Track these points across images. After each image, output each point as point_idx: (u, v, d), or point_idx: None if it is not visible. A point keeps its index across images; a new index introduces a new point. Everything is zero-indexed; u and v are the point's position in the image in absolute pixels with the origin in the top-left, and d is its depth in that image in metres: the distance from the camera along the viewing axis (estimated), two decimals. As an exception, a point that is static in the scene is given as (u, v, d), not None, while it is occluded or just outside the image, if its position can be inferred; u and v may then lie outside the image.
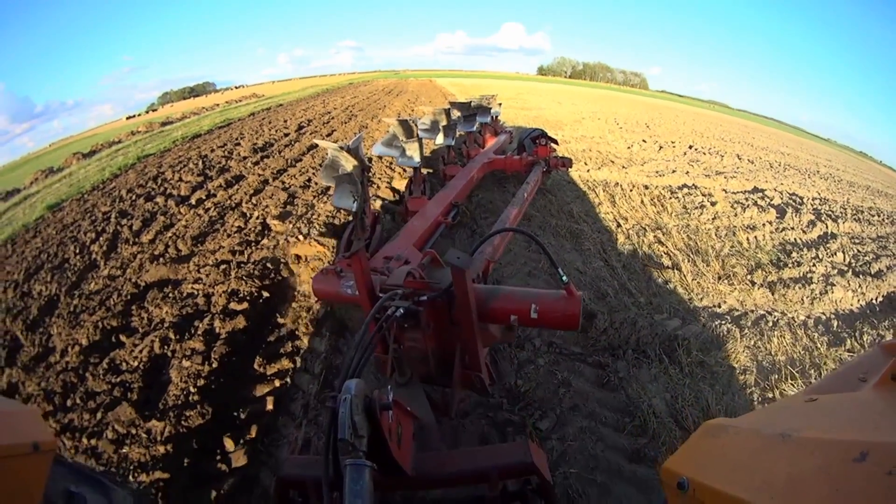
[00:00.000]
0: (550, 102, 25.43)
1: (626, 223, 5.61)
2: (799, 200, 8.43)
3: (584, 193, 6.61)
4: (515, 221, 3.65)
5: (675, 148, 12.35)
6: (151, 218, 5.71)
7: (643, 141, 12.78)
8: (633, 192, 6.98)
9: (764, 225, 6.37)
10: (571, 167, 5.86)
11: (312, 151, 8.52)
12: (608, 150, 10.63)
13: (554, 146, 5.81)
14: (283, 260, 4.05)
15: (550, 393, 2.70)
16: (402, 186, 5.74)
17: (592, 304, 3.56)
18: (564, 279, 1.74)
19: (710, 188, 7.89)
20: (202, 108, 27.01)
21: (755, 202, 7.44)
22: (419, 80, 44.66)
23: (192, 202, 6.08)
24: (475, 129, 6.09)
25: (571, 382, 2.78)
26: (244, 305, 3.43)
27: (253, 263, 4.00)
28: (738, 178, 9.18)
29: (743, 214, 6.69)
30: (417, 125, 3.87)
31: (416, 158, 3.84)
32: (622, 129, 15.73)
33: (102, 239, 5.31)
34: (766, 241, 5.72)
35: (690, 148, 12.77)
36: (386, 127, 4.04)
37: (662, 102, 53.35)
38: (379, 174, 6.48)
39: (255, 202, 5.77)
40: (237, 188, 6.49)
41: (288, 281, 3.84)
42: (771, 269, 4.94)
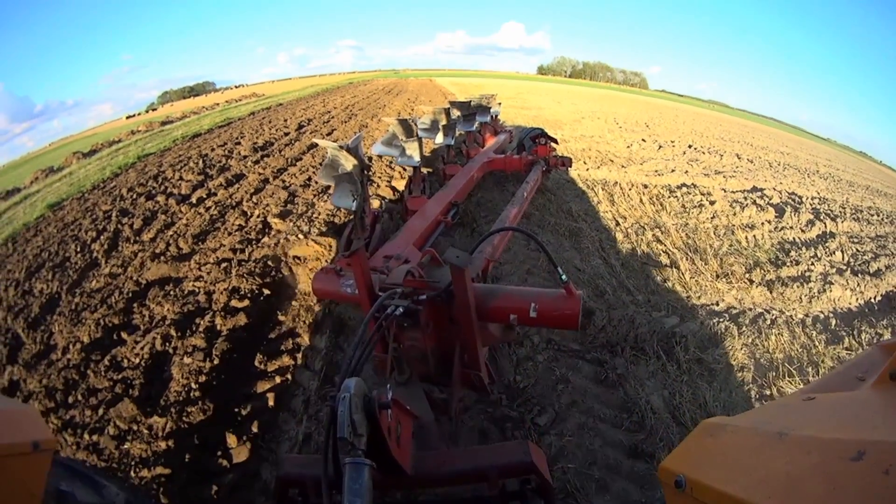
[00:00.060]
0: (550, 102, 25.44)
1: (624, 222, 5.63)
2: (798, 200, 8.45)
3: (583, 192, 6.62)
4: (515, 220, 3.66)
5: (674, 147, 12.36)
6: (152, 216, 5.73)
7: (642, 140, 12.79)
8: (631, 191, 6.99)
9: (763, 224, 6.38)
10: (571, 166, 5.86)
11: (312, 150, 8.53)
12: (607, 149, 10.64)
13: (553, 145, 5.81)
14: (283, 258, 4.07)
15: (549, 389, 2.72)
16: (401, 186, 5.76)
17: (591, 301, 3.59)
18: (564, 278, 1.73)
19: (709, 187, 7.90)
20: (202, 107, 26.98)
21: (754, 201, 7.46)
22: (419, 79, 44.66)
23: (192, 201, 6.10)
24: (475, 128, 6.08)
25: (570, 379, 2.81)
26: (245, 303, 3.45)
27: (254, 261, 4.02)
28: (737, 177, 9.20)
29: (742, 213, 6.70)
30: (417, 124, 3.87)
31: (415, 158, 3.85)
32: (622, 128, 15.74)
33: (103, 237, 5.33)
34: (764, 239, 5.73)
35: (690, 147, 12.78)
36: (386, 126, 4.05)
37: (662, 102, 53.35)
38: (379, 173, 6.50)
39: (255, 201, 5.79)
40: (238, 187, 6.50)
41: (288, 279, 3.86)
42: (769, 267, 4.95)
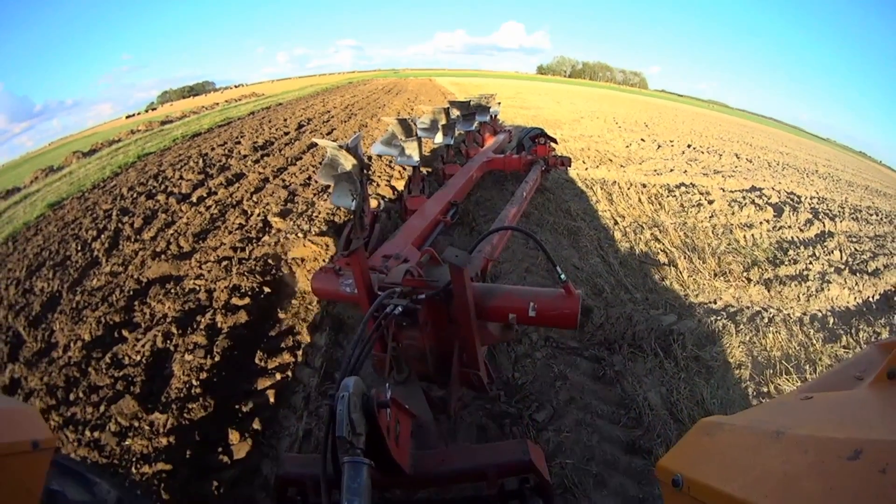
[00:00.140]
0: (549, 102, 25.45)
1: (623, 221, 5.65)
2: (797, 199, 8.47)
3: (581, 192, 6.64)
4: (514, 220, 3.67)
5: (673, 147, 12.38)
6: (153, 215, 5.74)
7: (641, 140, 12.81)
8: (630, 190, 7.01)
9: (761, 223, 6.39)
10: (570, 166, 5.88)
11: (312, 150, 8.55)
12: (606, 148, 10.66)
13: (553, 145, 5.83)
14: (283, 257, 4.09)
15: (547, 386, 2.74)
16: (401, 185, 5.78)
17: (589, 299, 3.61)
18: (563, 277, 1.73)
19: (707, 187, 7.92)
20: (202, 106, 26.97)
21: (752, 201, 7.47)
22: (419, 79, 44.65)
23: (193, 200, 6.12)
24: (474, 128, 6.09)
25: (568, 376, 2.82)
26: (246, 301, 3.47)
27: (254, 260, 4.04)
28: (735, 176, 9.22)
29: (740, 213, 6.72)
30: (416, 124, 3.89)
31: (415, 157, 3.86)
32: (621, 128, 15.76)
33: (104, 236, 5.34)
34: (762, 238, 5.75)
35: (689, 147, 12.80)
36: (385, 126, 4.06)
37: (662, 102, 53.37)
38: (378, 173, 6.52)
39: (255, 200, 5.81)
40: (238, 186, 6.52)
41: (288, 277, 3.88)
42: (767, 266, 4.97)
